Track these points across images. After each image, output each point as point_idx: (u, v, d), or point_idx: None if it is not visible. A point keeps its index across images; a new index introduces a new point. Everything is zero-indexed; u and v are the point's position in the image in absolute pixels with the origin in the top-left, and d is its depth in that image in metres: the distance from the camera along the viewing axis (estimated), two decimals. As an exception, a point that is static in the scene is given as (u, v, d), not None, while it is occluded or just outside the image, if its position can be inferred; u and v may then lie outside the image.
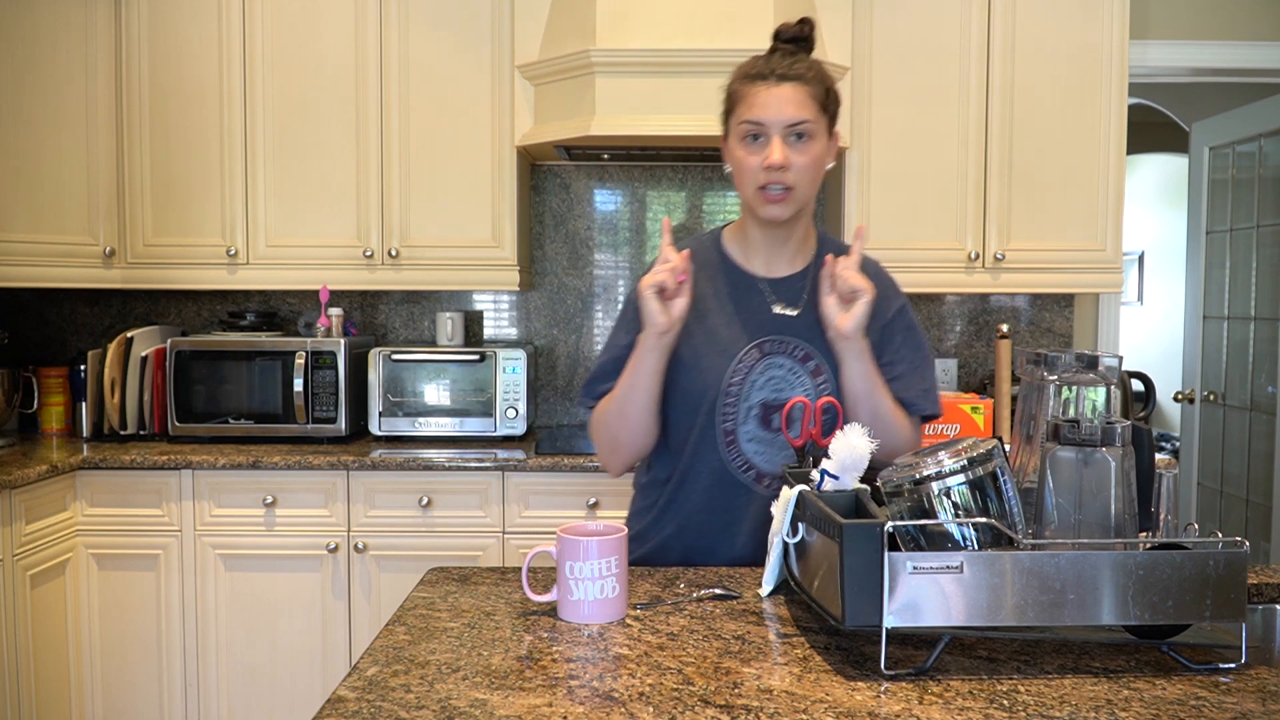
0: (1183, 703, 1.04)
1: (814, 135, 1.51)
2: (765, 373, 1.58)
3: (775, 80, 1.50)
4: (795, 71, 1.50)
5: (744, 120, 1.51)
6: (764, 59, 1.53)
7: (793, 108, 1.49)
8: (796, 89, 1.49)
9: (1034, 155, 2.99)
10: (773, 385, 1.58)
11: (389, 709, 1.02)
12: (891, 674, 1.11)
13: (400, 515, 2.75)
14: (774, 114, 1.49)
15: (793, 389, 1.58)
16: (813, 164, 1.52)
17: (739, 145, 1.53)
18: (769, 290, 1.61)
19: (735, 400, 1.57)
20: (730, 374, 1.57)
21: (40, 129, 2.86)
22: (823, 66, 1.56)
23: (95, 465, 2.73)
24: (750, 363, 1.58)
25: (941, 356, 3.39)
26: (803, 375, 1.58)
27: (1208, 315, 4.07)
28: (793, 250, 1.62)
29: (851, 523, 1.10)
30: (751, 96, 1.51)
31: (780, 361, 1.58)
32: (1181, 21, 3.33)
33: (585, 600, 1.29)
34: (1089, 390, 1.27)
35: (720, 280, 1.62)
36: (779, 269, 1.62)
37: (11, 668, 2.47)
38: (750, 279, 1.62)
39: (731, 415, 1.58)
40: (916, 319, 1.68)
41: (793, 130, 1.49)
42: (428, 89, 2.98)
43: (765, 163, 1.49)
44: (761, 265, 1.62)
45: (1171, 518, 1.24)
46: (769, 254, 1.62)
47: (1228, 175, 3.93)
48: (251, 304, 3.38)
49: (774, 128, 1.49)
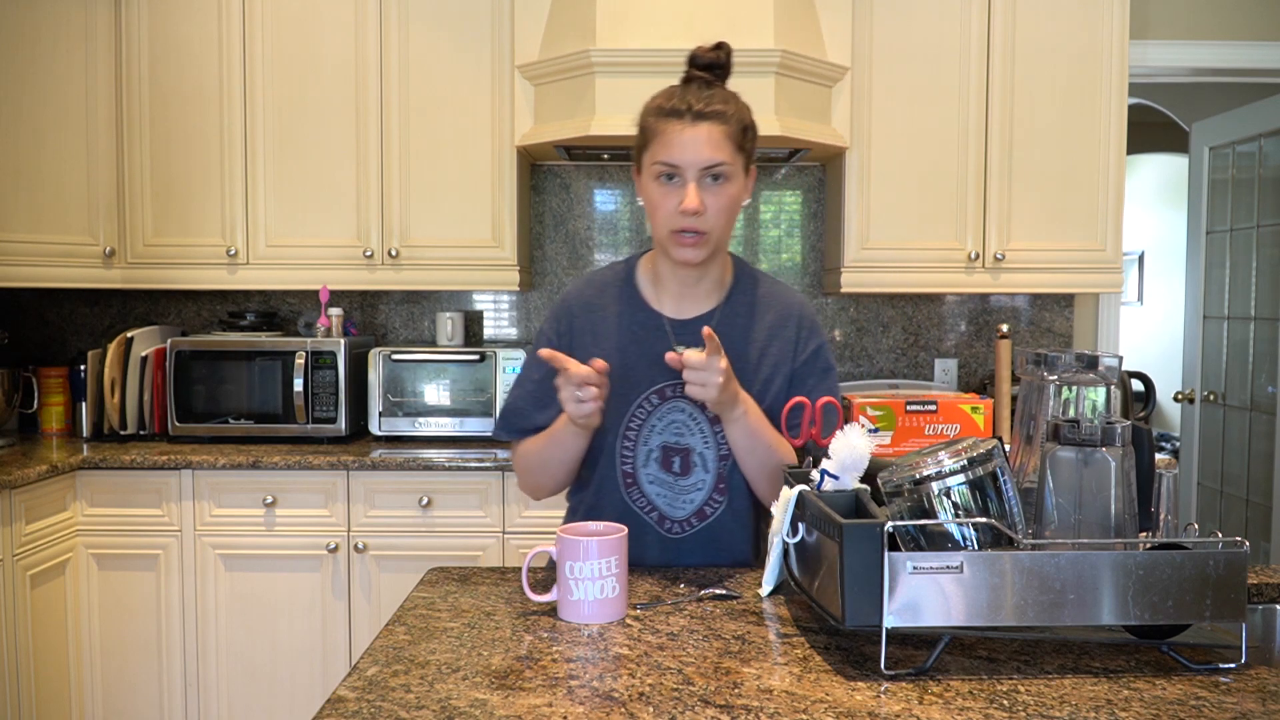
0: (1183, 703, 1.04)
1: (730, 176, 1.46)
2: (666, 416, 1.56)
3: (691, 120, 1.43)
4: (713, 109, 1.44)
5: (658, 160, 1.45)
6: (679, 92, 1.47)
7: (709, 149, 1.43)
8: (713, 129, 1.43)
9: (1034, 155, 2.99)
10: (673, 429, 1.56)
11: (389, 709, 1.02)
12: (891, 674, 1.11)
13: (400, 515, 2.75)
14: (690, 156, 1.43)
15: (692, 435, 1.56)
16: (729, 206, 1.48)
17: (652, 183, 1.48)
18: (674, 331, 1.57)
19: (633, 443, 1.56)
20: (628, 418, 1.55)
21: (40, 129, 2.86)
22: (739, 100, 1.50)
23: (95, 465, 2.73)
24: (650, 408, 1.56)
25: (941, 356, 3.39)
26: (702, 422, 1.55)
27: (1208, 315, 4.07)
28: (705, 290, 1.59)
29: (851, 523, 1.10)
30: (666, 135, 1.44)
31: (682, 406, 1.55)
32: (1181, 21, 3.33)
33: (585, 600, 1.29)
34: (1089, 390, 1.27)
35: (626, 318, 1.59)
36: (688, 309, 1.58)
37: (11, 668, 2.47)
38: (657, 318, 1.58)
39: (630, 458, 1.56)
40: (832, 361, 1.66)
41: (709, 172, 1.45)
42: (428, 89, 2.98)
43: (680, 207, 1.45)
44: (670, 305, 1.59)
45: (1171, 518, 1.24)
46: (679, 293, 1.58)
47: (1228, 175, 3.93)
48: (251, 304, 3.38)
49: (689, 170, 1.44)
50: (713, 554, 1.59)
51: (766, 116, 2.74)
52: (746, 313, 1.60)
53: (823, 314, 3.39)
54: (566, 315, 1.61)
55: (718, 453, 1.56)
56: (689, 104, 1.44)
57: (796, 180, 3.37)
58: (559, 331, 1.61)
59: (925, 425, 2.74)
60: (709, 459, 1.56)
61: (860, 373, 3.39)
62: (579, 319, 1.60)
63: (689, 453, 1.56)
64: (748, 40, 2.73)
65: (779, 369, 1.58)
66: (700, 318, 1.58)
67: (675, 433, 1.56)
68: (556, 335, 1.61)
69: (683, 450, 1.56)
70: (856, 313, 3.38)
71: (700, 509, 1.57)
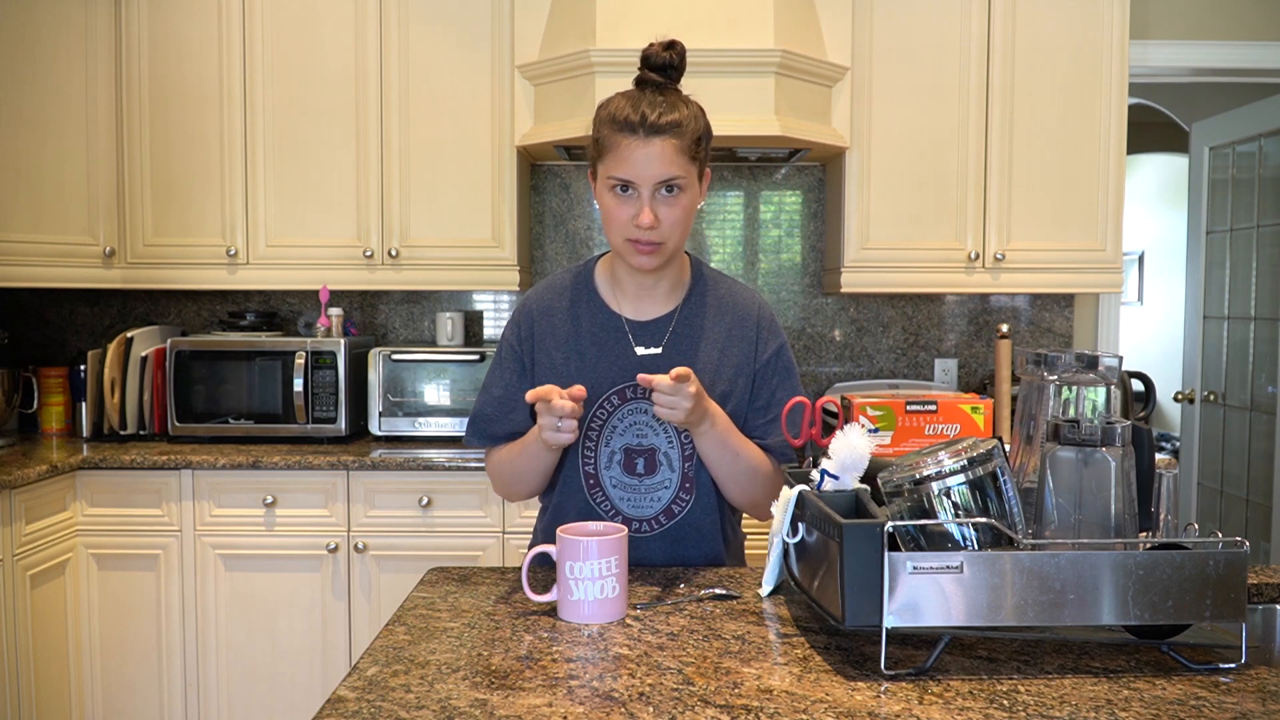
0: (1183, 703, 1.04)
1: (685, 187, 1.47)
2: (628, 418, 1.56)
3: (645, 135, 1.43)
4: (667, 123, 1.44)
5: (612, 175, 1.46)
6: (633, 102, 1.46)
7: (662, 165, 1.44)
8: (666, 145, 1.44)
9: (1034, 155, 2.99)
10: (635, 430, 1.56)
11: (389, 709, 1.02)
12: (891, 674, 1.11)
13: (400, 515, 2.75)
14: (644, 172, 1.44)
15: (656, 435, 1.56)
16: (684, 215, 1.49)
17: (607, 195, 1.49)
18: (633, 332, 1.58)
19: (595, 444, 1.56)
20: (590, 419, 1.56)
21: (40, 129, 2.86)
22: (692, 106, 1.50)
23: (95, 465, 2.73)
24: (611, 408, 1.56)
25: (941, 356, 3.39)
26: (668, 425, 1.55)
27: (1208, 315, 4.07)
28: (663, 293, 1.59)
29: (851, 523, 1.10)
30: (620, 151, 1.45)
31: (644, 406, 1.55)
32: (1181, 21, 3.33)
33: (585, 600, 1.29)
34: (1089, 390, 1.27)
35: (585, 320, 1.59)
36: (646, 311, 1.59)
37: (11, 668, 2.47)
38: (616, 320, 1.59)
39: (591, 458, 1.57)
40: (793, 360, 1.66)
41: (662, 186, 1.45)
42: (428, 89, 2.98)
43: (635, 222, 1.46)
44: (629, 307, 1.59)
45: (1171, 518, 1.24)
46: (638, 295, 1.59)
47: (1228, 175, 3.93)
48: (251, 304, 3.38)
49: (644, 186, 1.45)
50: (682, 549, 1.59)
51: (766, 116, 2.74)
52: (705, 313, 1.60)
53: (822, 314, 3.39)
54: (527, 320, 1.61)
55: (682, 452, 1.56)
56: (643, 116, 1.44)
57: (796, 180, 3.37)
58: (520, 337, 1.61)
59: (925, 425, 2.73)
60: (674, 458, 1.56)
61: (860, 373, 3.39)
62: (539, 323, 1.60)
63: (654, 452, 1.56)
64: (748, 40, 2.73)
65: (741, 370, 1.59)
66: (660, 319, 1.58)
67: (638, 434, 1.56)
68: (518, 340, 1.61)
69: (646, 451, 1.56)
70: (856, 313, 3.38)
71: (668, 507, 1.57)
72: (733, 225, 3.39)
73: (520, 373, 1.60)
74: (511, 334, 1.62)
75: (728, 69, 2.72)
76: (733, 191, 3.38)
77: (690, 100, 1.51)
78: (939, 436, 2.74)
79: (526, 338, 1.60)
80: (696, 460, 1.56)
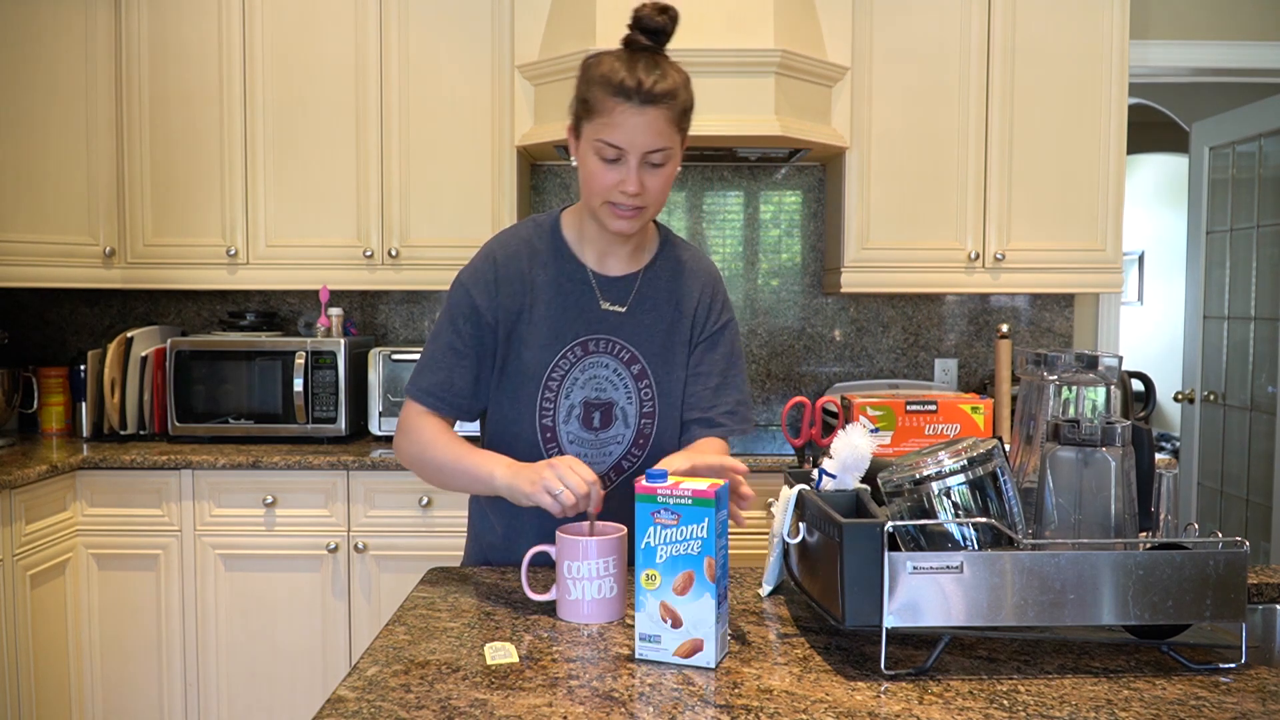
0: (1183, 703, 1.04)
1: (671, 157, 1.46)
2: (589, 370, 1.54)
3: (638, 104, 1.40)
4: (660, 91, 1.40)
5: (601, 139, 1.43)
6: (627, 65, 1.41)
7: (653, 136, 1.42)
8: (659, 115, 1.41)
9: (1034, 155, 2.99)
10: (595, 385, 1.55)
11: (389, 709, 1.02)
12: (891, 674, 1.11)
13: (400, 515, 2.75)
14: (636, 140, 1.41)
15: (615, 390, 1.55)
16: (666, 183, 1.48)
17: (592, 156, 1.45)
18: (599, 286, 1.56)
19: (554, 395, 1.54)
20: (551, 368, 1.53)
21: (40, 129, 2.86)
22: (682, 75, 1.46)
23: (95, 465, 2.73)
24: (573, 359, 1.54)
25: (941, 356, 3.39)
26: (626, 378, 1.55)
27: (1208, 315, 4.07)
28: (629, 251, 1.58)
29: (851, 522, 1.10)
30: (612, 116, 1.41)
31: (605, 361, 1.55)
32: (1181, 21, 3.33)
33: (584, 600, 1.29)
34: (1089, 390, 1.27)
35: (552, 268, 1.56)
36: (612, 267, 1.58)
37: (11, 668, 2.47)
38: (583, 271, 1.56)
39: (549, 410, 1.54)
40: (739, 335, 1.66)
41: (651, 156, 1.43)
42: (428, 89, 2.98)
43: (622, 189, 1.44)
44: (595, 262, 1.57)
45: (1171, 518, 1.24)
46: (605, 250, 1.57)
47: (1228, 175, 3.93)
48: (251, 304, 3.38)
49: (634, 153, 1.42)
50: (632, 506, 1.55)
51: (766, 116, 2.74)
52: (671, 275, 1.60)
53: (822, 314, 3.39)
54: (491, 265, 1.56)
55: (639, 409, 1.56)
56: (639, 82, 1.40)
57: (796, 180, 3.37)
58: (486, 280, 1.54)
59: (925, 425, 2.73)
60: (630, 414, 1.56)
61: (860, 373, 3.39)
62: (503, 268, 1.55)
63: (611, 406, 1.56)
64: (748, 40, 2.74)
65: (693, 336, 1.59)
66: (626, 278, 1.57)
67: (597, 387, 1.55)
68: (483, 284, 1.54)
69: (604, 405, 1.55)
70: (856, 313, 3.38)
71: (617, 463, 1.57)
72: (733, 225, 3.39)
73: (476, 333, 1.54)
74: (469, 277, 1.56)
75: (728, 69, 2.72)
76: (733, 191, 3.38)
77: (679, 67, 1.47)
78: (939, 436, 2.74)
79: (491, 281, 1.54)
80: (655, 421, 1.55)
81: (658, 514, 1.16)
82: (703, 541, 1.14)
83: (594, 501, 1.34)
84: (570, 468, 1.35)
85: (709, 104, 2.90)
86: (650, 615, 1.16)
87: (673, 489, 1.15)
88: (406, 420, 1.57)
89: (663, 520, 1.16)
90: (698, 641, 1.14)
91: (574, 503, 1.33)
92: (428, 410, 1.55)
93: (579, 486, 1.33)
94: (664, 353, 1.57)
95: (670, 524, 1.15)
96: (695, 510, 1.14)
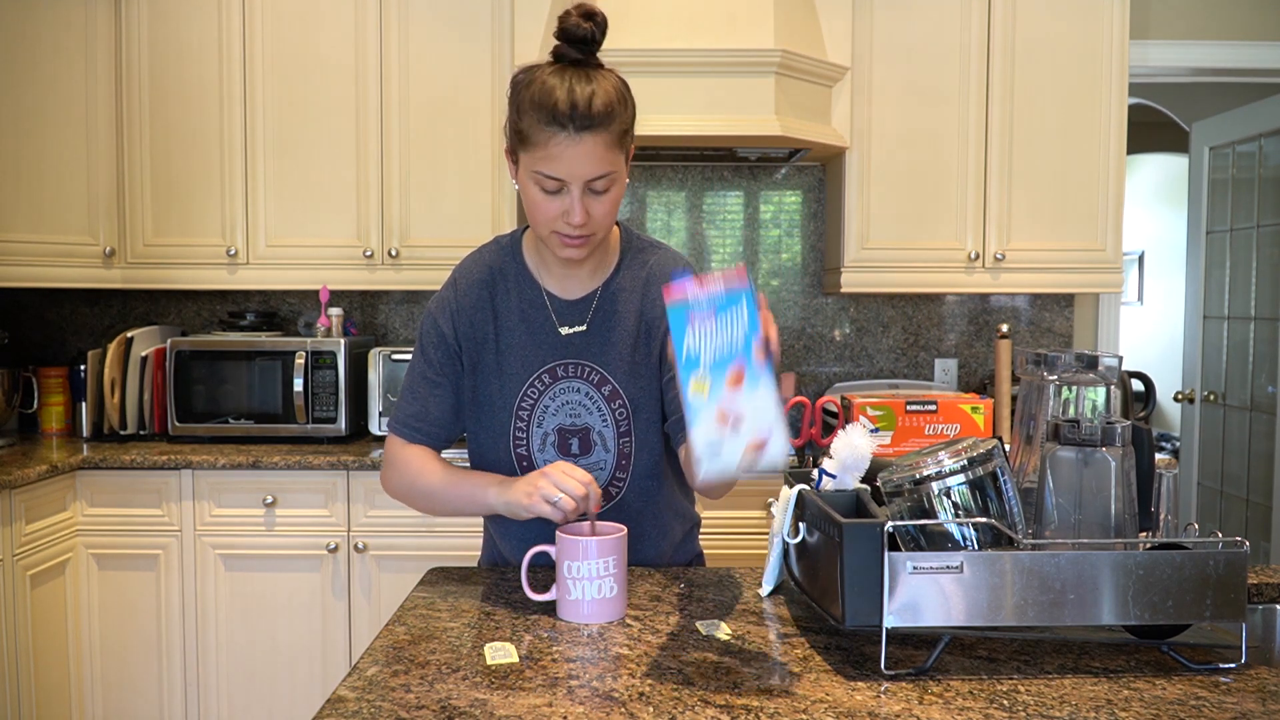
0: (1183, 703, 1.04)
1: (616, 179, 1.39)
2: (560, 396, 1.50)
3: (574, 133, 1.32)
4: (595, 113, 1.33)
5: (538, 171, 1.35)
6: (557, 85, 1.34)
7: (594, 164, 1.34)
8: (597, 142, 1.33)
9: (1034, 155, 2.99)
10: (568, 410, 1.50)
11: (389, 709, 1.02)
12: (891, 674, 1.11)
13: (400, 515, 2.75)
14: (575, 171, 1.34)
15: (590, 414, 1.50)
16: (614, 206, 1.41)
17: (533, 187, 1.38)
18: (557, 311, 1.51)
19: (526, 425, 1.50)
20: (520, 398, 1.50)
21: (41, 129, 2.86)
22: (616, 87, 1.38)
23: (95, 465, 2.73)
24: (542, 387, 1.50)
25: (941, 356, 3.39)
26: (599, 400, 1.50)
27: (1208, 315, 4.07)
28: (588, 271, 1.52)
29: (851, 522, 1.10)
30: (548, 146, 1.33)
31: (576, 385, 1.50)
32: (1181, 21, 3.33)
33: (583, 600, 1.29)
34: (1089, 390, 1.27)
35: (514, 294, 1.52)
36: (572, 290, 1.52)
37: (11, 668, 2.47)
38: (541, 295, 1.52)
39: (523, 440, 1.51)
40: None
41: (594, 183, 1.36)
42: (428, 89, 2.98)
43: (566, 220, 1.37)
44: (555, 284, 1.53)
45: (1171, 518, 1.24)
46: (563, 275, 1.52)
47: (1228, 175, 3.93)
48: (251, 304, 3.38)
49: (575, 183, 1.35)
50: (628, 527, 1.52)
51: (766, 116, 2.74)
52: (632, 285, 1.53)
53: (822, 314, 3.39)
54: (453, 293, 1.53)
55: (616, 430, 1.50)
56: (572, 108, 1.32)
57: (796, 180, 3.37)
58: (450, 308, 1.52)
59: (925, 425, 2.73)
60: (608, 437, 1.51)
61: (860, 373, 3.39)
62: (464, 296, 1.52)
63: (588, 431, 1.50)
64: (748, 40, 2.74)
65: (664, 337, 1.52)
66: (584, 298, 1.52)
67: (570, 413, 1.50)
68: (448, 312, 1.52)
69: (581, 430, 1.50)
70: (856, 313, 3.38)
71: (604, 489, 1.52)
72: (733, 225, 3.39)
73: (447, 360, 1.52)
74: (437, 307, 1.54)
75: (728, 69, 2.72)
76: (733, 191, 3.38)
77: (610, 74, 1.39)
78: (939, 436, 2.74)
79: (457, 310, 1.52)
80: (634, 439, 1.51)
81: (693, 314, 1.07)
82: (746, 328, 1.06)
83: (593, 501, 1.34)
84: (564, 473, 1.34)
85: (709, 104, 2.91)
86: (707, 426, 1.06)
87: (702, 283, 1.08)
88: (390, 454, 1.55)
89: (700, 319, 1.07)
90: (760, 441, 1.05)
91: (574, 507, 1.33)
92: (409, 442, 1.54)
93: (576, 490, 1.33)
94: (632, 368, 1.51)
95: (708, 320, 1.07)
96: (731, 297, 1.07)
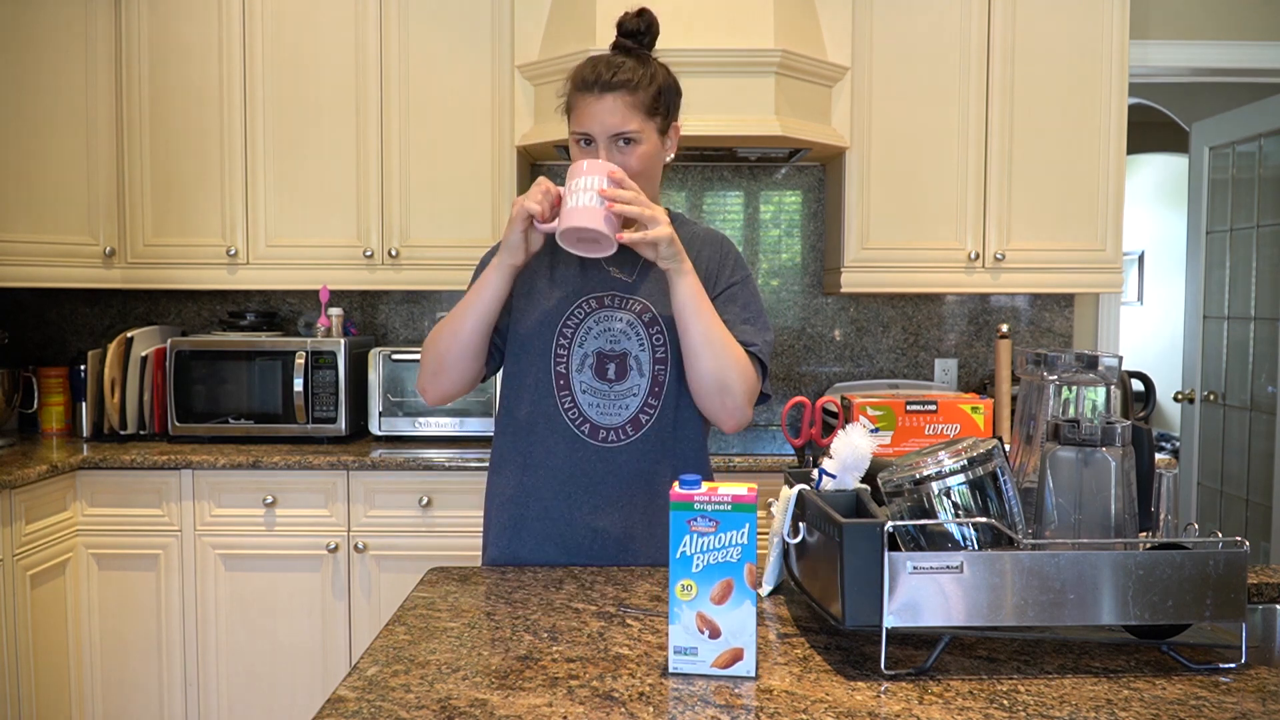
0: (1183, 703, 1.04)
1: (639, 139, 1.56)
2: (601, 323, 1.61)
3: (598, 92, 1.54)
4: (619, 80, 1.54)
5: (573, 130, 1.58)
6: (592, 65, 1.57)
7: (614, 119, 1.54)
8: (618, 100, 1.54)
9: (1034, 155, 2.99)
10: (609, 336, 1.60)
11: (389, 709, 1.02)
12: (891, 674, 1.11)
13: (400, 515, 2.75)
14: (598, 126, 1.55)
15: (629, 340, 1.60)
16: (639, 163, 1.56)
17: (575, 147, 1.60)
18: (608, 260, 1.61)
19: (568, 344, 1.60)
20: (566, 317, 1.61)
21: (40, 129, 2.86)
22: (656, 66, 1.59)
23: (95, 465, 2.73)
24: (587, 310, 1.61)
25: (941, 356, 3.39)
26: (639, 327, 1.60)
27: (1208, 315, 4.07)
28: None
29: (851, 522, 1.10)
30: (579, 108, 1.57)
31: (619, 315, 1.61)
32: (1181, 21, 3.33)
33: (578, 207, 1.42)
34: (1089, 390, 1.27)
35: None
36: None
37: (11, 668, 2.47)
38: None
39: (564, 359, 1.60)
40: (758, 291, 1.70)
41: (618, 139, 1.55)
42: (428, 89, 2.98)
43: None
44: None
45: (1171, 518, 1.24)
46: None
47: (1228, 175, 3.93)
48: (251, 304, 3.38)
49: (600, 138, 1.55)
50: (652, 464, 1.60)
51: (766, 116, 2.74)
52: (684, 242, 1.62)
53: (822, 314, 3.39)
54: None
55: (653, 355, 1.60)
56: (599, 75, 1.54)
57: (796, 180, 3.37)
58: None
59: (925, 425, 2.73)
60: (644, 362, 1.60)
61: (860, 373, 3.39)
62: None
63: (625, 357, 1.60)
64: (748, 40, 2.74)
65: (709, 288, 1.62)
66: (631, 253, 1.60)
67: (611, 339, 1.60)
68: None
69: (618, 355, 1.60)
70: (856, 313, 3.39)
71: (635, 416, 1.59)
72: (733, 225, 3.39)
73: None
74: None
75: (728, 69, 2.72)
76: (733, 191, 3.38)
77: (654, 61, 1.60)
78: (939, 436, 2.74)
79: None
80: (668, 368, 1.59)
81: (694, 521, 1.11)
82: (743, 548, 1.10)
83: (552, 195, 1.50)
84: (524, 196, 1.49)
85: (709, 104, 2.91)
86: (686, 627, 1.11)
87: (710, 495, 1.11)
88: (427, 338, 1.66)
89: (700, 528, 1.11)
90: (737, 651, 1.10)
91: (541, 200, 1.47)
92: None
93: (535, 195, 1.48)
94: None
95: (708, 531, 1.11)
96: (735, 516, 1.10)
